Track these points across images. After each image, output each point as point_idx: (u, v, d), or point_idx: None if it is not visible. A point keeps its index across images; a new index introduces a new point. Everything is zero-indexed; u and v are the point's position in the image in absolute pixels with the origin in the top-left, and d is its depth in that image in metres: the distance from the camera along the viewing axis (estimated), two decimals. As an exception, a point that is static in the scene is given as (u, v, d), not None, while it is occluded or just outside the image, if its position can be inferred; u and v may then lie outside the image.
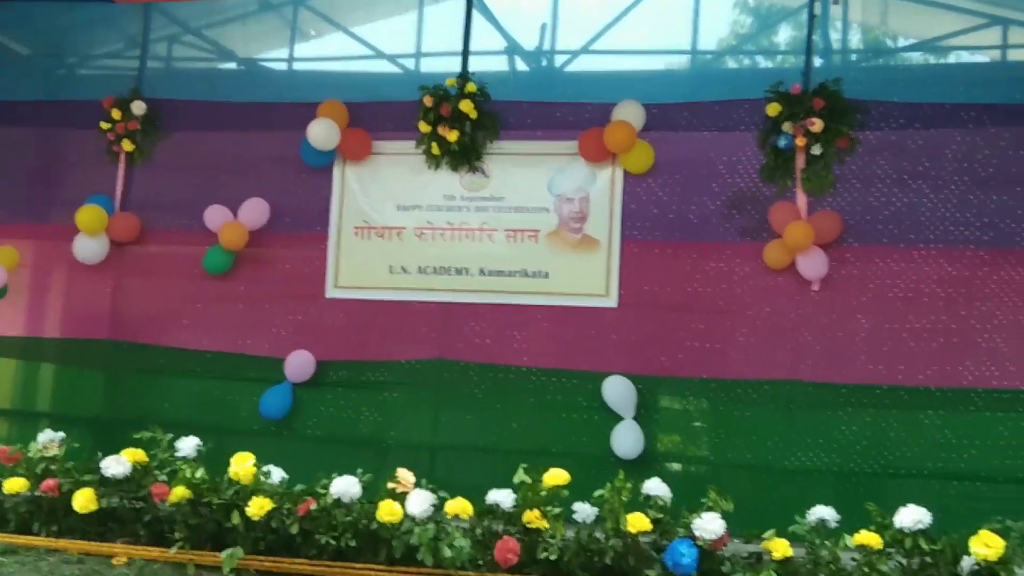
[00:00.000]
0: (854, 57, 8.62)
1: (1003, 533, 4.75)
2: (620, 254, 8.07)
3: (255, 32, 9.67)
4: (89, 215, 8.65)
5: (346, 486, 5.67)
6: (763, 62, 8.80)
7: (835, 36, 8.44)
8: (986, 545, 4.63)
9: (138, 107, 8.94)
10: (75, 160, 9.30)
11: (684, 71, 8.71)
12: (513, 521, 5.49)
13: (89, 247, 8.74)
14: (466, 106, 8.21)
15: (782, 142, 7.75)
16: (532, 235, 8.26)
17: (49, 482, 6.15)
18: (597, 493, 5.49)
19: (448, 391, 8.27)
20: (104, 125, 9.00)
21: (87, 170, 9.16)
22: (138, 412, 8.40)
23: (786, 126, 7.74)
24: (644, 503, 5.56)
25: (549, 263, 8.21)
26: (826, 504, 5.33)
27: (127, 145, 8.96)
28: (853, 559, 4.96)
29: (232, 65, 9.94)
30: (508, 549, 5.23)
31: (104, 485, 6.13)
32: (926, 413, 7.44)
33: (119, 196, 8.98)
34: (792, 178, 7.83)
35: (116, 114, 8.97)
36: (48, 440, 6.76)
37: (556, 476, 5.53)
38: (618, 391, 7.82)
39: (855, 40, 8.65)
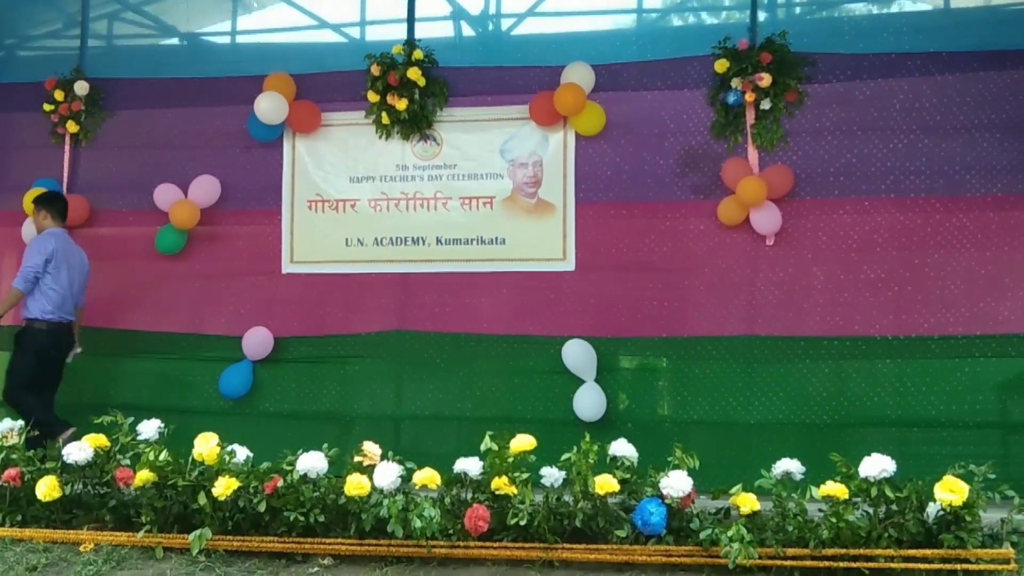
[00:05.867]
0: (798, 10, 8.67)
1: (966, 478, 4.82)
2: (575, 217, 8.09)
3: (196, 6, 9.50)
4: (36, 199, 8.50)
5: (312, 462, 5.64)
6: (708, 18, 8.81)
7: (779, -11, 8.47)
8: (951, 491, 4.70)
9: (81, 87, 8.81)
10: (19, 144, 9.19)
11: (631, 30, 8.68)
12: (482, 488, 5.50)
13: (38, 232, 8.60)
14: (414, 73, 8.15)
15: (731, 98, 7.78)
16: (487, 202, 8.24)
17: (10, 471, 6.07)
18: (564, 457, 5.50)
19: (409, 361, 8.27)
20: (47, 107, 8.88)
21: (32, 153, 9.05)
22: (97, 397, 8.34)
23: (735, 82, 7.76)
24: (611, 464, 5.58)
25: (505, 229, 8.21)
26: (791, 457, 5.37)
27: (72, 126, 8.84)
28: (820, 510, 5.02)
29: (174, 41, 9.76)
30: (478, 516, 5.25)
31: (66, 472, 6.08)
32: (884, 362, 7.54)
33: (66, 178, 8.88)
34: (743, 134, 7.87)
35: (59, 95, 8.84)
36: (7, 429, 6.68)
37: (523, 442, 5.54)
38: (578, 354, 7.85)
39: (798, -8, 8.69)
